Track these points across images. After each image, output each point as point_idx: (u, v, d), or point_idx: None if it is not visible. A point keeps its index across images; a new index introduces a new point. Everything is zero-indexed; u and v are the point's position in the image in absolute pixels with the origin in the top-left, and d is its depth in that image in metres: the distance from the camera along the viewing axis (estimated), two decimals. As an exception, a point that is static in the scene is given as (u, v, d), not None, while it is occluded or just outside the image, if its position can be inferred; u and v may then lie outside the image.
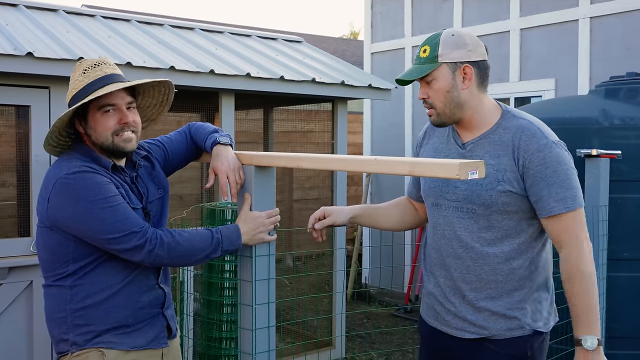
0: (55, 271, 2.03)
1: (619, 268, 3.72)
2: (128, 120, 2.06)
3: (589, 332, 2.03)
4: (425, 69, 2.10)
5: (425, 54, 2.11)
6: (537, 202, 2.06)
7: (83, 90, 2.02)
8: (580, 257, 2.04)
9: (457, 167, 1.49)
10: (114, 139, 2.04)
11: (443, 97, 2.10)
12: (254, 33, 5.85)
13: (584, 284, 2.04)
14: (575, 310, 2.05)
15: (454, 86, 2.09)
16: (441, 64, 2.08)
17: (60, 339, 2.06)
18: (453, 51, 2.08)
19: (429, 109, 2.15)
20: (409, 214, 2.53)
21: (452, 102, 2.11)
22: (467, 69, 2.09)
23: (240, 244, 2.12)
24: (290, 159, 2.10)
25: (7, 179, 4.30)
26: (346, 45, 14.79)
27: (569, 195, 2.03)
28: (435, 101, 2.12)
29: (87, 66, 2.06)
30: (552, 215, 2.04)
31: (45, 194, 1.99)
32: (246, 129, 6.12)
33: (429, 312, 2.33)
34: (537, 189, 2.04)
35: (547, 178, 2.03)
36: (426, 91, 2.13)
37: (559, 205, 2.03)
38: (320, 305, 5.57)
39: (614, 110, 3.82)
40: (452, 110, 2.11)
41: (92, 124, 2.04)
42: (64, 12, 4.71)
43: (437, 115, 2.14)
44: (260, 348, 2.18)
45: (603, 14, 5.51)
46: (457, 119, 2.14)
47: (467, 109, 2.12)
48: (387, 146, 7.42)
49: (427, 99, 2.13)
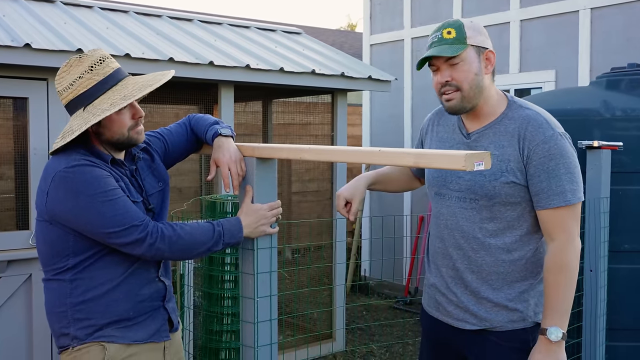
0: (55, 265, 2.01)
1: (620, 260, 3.72)
2: (142, 114, 2.07)
3: (558, 324, 2.02)
4: (457, 49, 2.04)
5: (450, 35, 2.05)
6: (537, 193, 2.05)
7: (95, 87, 1.98)
8: (570, 251, 2.03)
9: (463, 159, 1.47)
10: (129, 133, 2.04)
11: (471, 80, 2.05)
12: (253, 25, 5.81)
13: (568, 278, 2.03)
14: (551, 301, 2.04)
15: (480, 70, 2.07)
16: (469, 46, 2.05)
17: (61, 333, 2.05)
18: (477, 35, 2.07)
19: (450, 93, 2.07)
20: (414, 180, 2.55)
21: (477, 86, 2.07)
22: (489, 54, 2.09)
23: (242, 236, 2.11)
24: (292, 151, 2.08)
25: (5, 171, 4.27)
26: (344, 37, 14.74)
27: (569, 189, 2.02)
28: (463, 83, 2.05)
29: (93, 62, 1.99)
30: (550, 207, 2.03)
31: (44, 187, 1.97)
32: (245, 121, 6.09)
33: (430, 302, 2.33)
34: (537, 180, 2.03)
35: (549, 170, 2.02)
36: (450, 73, 2.06)
37: (558, 199, 2.01)
38: (320, 297, 5.57)
39: (615, 102, 3.80)
40: (475, 94, 2.07)
41: (106, 122, 2.00)
42: (62, 3, 4.67)
43: (461, 98, 2.07)
44: (262, 341, 2.17)
45: (603, 5, 5.48)
46: (475, 105, 2.10)
47: (484, 95, 2.10)
48: (386, 138, 7.40)
49: (451, 81, 2.06)
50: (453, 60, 2.05)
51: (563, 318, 2.03)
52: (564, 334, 2.03)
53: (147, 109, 5.43)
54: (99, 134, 2.04)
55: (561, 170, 2.02)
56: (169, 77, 2.10)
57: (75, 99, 2.00)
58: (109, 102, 1.97)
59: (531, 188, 2.06)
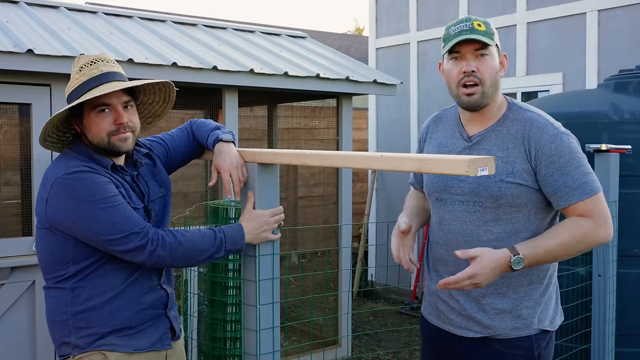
0: (55, 273, 1.99)
1: (629, 265, 3.67)
2: (123, 120, 1.99)
3: (528, 262, 1.96)
4: (490, 41, 2.04)
5: (481, 27, 2.04)
6: (555, 192, 2.02)
7: (78, 89, 1.98)
8: (600, 233, 1.99)
9: (466, 164, 1.43)
10: (109, 139, 1.99)
11: (493, 75, 2.07)
12: (258, 29, 5.80)
13: (574, 248, 2.00)
14: (544, 245, 1.98)
15: (499, 68, 2.10)
16: (495, 43, 2.08)
17: (62, 342, 2.02)
18: (497, 36, 2.10)
19: (472, 87, 2.05)
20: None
21: (496, 84, 2.09)
22: (504, 58, 2.13)
23: (244, 243, 2.08)
24: (295, 156, 2.05)
25: (10, 177, 4.26)
26: (350, 41, 14.73)
27: (586, 180, 2.00)
28: (486, 77, 2.05)
29: (84, 63, 2.01)
30: (572, 204, 2.00)
31: (43, 194, 1.95)
32: (250, 126, 6.07)
33: (431, 311, 2.29)
34: (552, 179, 2.01)
35: (562, 167, 2.00)
36: (476, 64, 2.04)
37: (577, 194, 1.99)
38: (326, 303, 5.53)
39: (623, 104, 3.76)
40: (492, 92, 2.08)
41: (86, 123, 1.99)
42: (66, 9, 4.67)
43: (482, 94, 2.05)
44: (265, 349, 2.14)
45: (611, 7, 5.44)
46: (488, 103, 2.09)
47: (495, 96, 2.10)
48: (392, 142, 7.36)
49: (476, 72, 2.04)
50: (484, 51, 2.04)
51: (533, 262, 1.98)
52: (522, 267, 1.96)
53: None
54: (85, 136, 2.03)
55: (573, 166, 2.00)
56: (149, 82, 2.08)
57: (67, 98, 2.03)
58: (82, 99, 1.95)
59: (547, 189, 2.03)
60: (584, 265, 3.66)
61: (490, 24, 2.09)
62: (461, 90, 2.07)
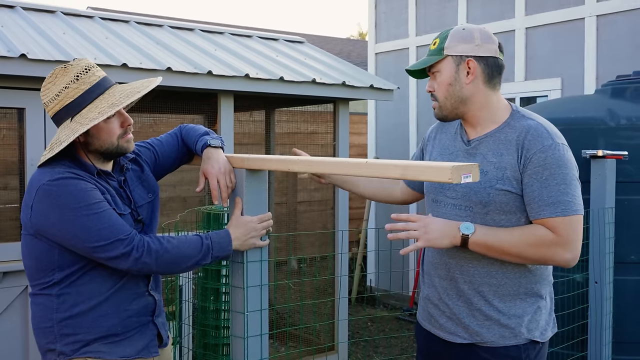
0: (41, 280, 1.97)
1: (626, 271, 3.64)
2: (131, 122, 2.03)
3: (478, 233, 1.97)
4: (430, 60, 2.11)
5: (434, 46, 2.13)
6: (529, 203, 2.00)
7: (82, 97, 1.94)
8: (558, 254, 1.95)
9: (449, 171, 1.41)
10: (119, 142, 2.01)
11: (445, 90, 2.10)
12: (255, 34, 5.78)
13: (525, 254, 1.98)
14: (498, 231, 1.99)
15: (457, 80, 2.08)
16: (446, 56, 2.09)
17: (48, 349, 2.01)
18: (459, 44, 2.07)
19: (433, 102, 2.16)
20: (389, 188, 2.55)
21: (454, 96, 2.10)
22: (470, 63, 2.07)
23: (231, 249, 2.07)
24: (281, 162, 2.04)
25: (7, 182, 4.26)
26: (352, 46, 14.74)
27: (562, 200, 1.95)
28: (438, 94, 2.12)
29: (78, 71, 1.96)
30: (540, 218, 1.98)
31: (28, 201, 1.93)
32: (248, 131, 6.06)
33: (424, 315, 2.30)
34: (530, 190, 1.99)
35: (544, 180, 1.96)
36: (432, 84, 2.14)
37: (549, 210, 1.95)
38: (324, 308, 5.51)
39: (620, 110, 3.73)
40: (453, 104, 2.11)
41: (94, 132, 1.97)
42: (62, 13, 4.66)
43: (439, 108, 2.14)
44: (253, 356, 2.13)
45: (609, 12, 5.42)
46: (460, 113, 2.13)
47: (470, 104, 2.10)
48: (392, 147, 7.35)
49: (433, 91, 2.14)
50: (432, 70, 2.14)
51: (481, 243, 1.97)
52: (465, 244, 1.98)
53: (152, 119, 5.45)
54: (87, 145, 2.00)
55: (555, 181, 1.96)
56: (156, 83, 2.06)
57: (62, 109, 1.97)
58: (97, 110, 1.93)
59: (525, 197, 2.01)
60: (581, 272, 3.63)
61: (451, 34, 2.10)
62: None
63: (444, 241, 1.99)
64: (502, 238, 1.98)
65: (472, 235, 1.97)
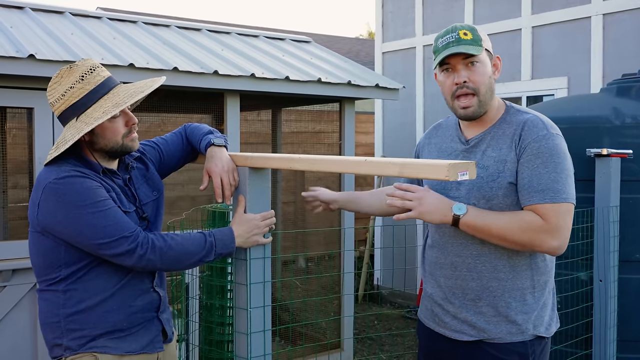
0: (48, 276, 2.01)
1: (630, 270, 3.64)
2: (135, 121, 2.06)
3: (470, 213, 1.98)
4: (477, 50, 2.03)
5: (467, 36, 2.04)
6: (521, 189, 2.01)
7: (87, 97, 1.98)
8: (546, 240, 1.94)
9: (446, 169, 1.43)
10: (123, 141, 2.04)
11: (487, 82, 2.07)
12: (262, 34, 5.81)
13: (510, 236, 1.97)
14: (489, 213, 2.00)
15: (492, 73, 2.09)
16: (484, 49, 2.07)
17: (54, 344, 2.04)
18: (487, 40, 2.09)
19: (467, 98, 2.06)
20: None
21: (490, 90, 2.09)
22: (497, 60, 2.11)
23: (234, 247, 2.09)
24: (283, 161, 2.07)
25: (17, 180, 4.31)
26: (360, 45, 14.74)
27: (551, 187, 1.96)
28: (480, 86, 2.05)
29: (83, 72, 1.99)
30: (530, 204, 1.99)
31: (35, 199, 1.97)
32: (255, 130, 6.09)
33: (427, 314, 2.30)
34: (522, 176, 2.00)
35: (535, 168, 1.98)
36: (467, 74, 2.05)
37: (538, 196, 1.96)
38: (331, 306, 5.53)
39: (625, 109, 3.74)
40: (488, 98, 2.09)
41: (99, 131, 2.00)
42: (70, 14, 4.71)
43: (478, 104, 2.07)
44: (256, 352, 2.15)
45: (616, 11, 5.41)
46: (487, 109, 2.10)
47: (492, 101, 2.11)
48: (398, 146, 7.36)
49: (468, 82, 2.05)
50: (473, 59, 2.05)
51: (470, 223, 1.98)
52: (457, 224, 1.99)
53: (160, 119, 5.49)
54: (92, 143, 2.03)
55: (547, 169, 1.97)
56: (159, 83, 2.09)
57: (67, 109, 2.00)
58: (101, 110, 1.96)
59: (517, 184, 2.03)
60: (585, 270, 3.64)
61: (477, 29, 2.09)
62: (456, 103, 2.09)
63: (435, 217, 1.99)
64: (490, 220, 1.98)
65: (463, 216, 1.97)
